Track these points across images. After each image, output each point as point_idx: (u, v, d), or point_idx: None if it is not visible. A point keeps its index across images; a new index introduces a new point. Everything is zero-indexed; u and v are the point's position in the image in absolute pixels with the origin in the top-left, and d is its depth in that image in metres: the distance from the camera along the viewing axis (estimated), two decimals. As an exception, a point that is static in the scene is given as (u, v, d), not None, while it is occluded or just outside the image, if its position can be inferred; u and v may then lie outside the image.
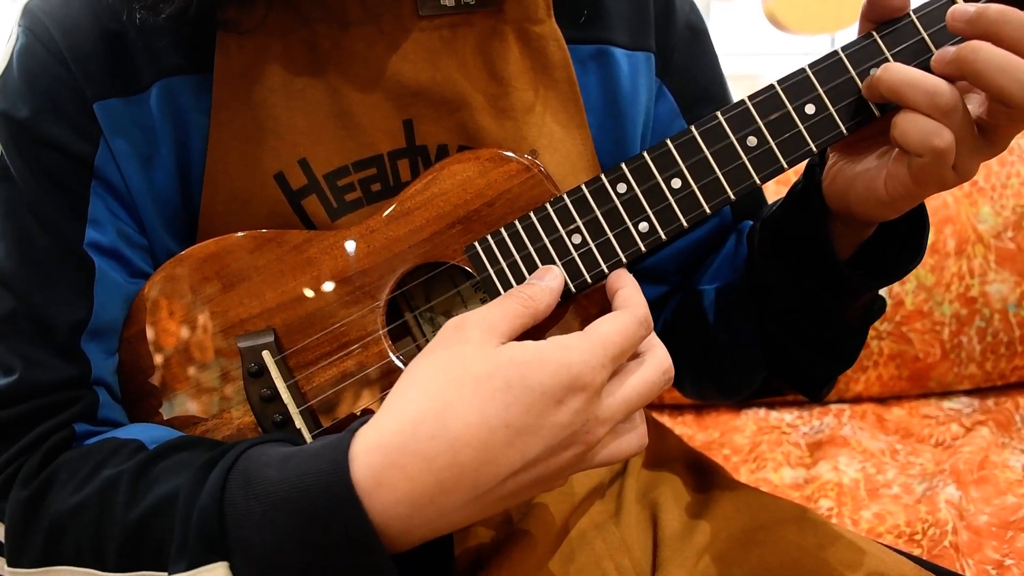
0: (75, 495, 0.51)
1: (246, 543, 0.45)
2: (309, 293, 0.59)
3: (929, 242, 1.24)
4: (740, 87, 0.80)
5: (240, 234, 0.60)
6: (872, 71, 0.54)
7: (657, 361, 0.51)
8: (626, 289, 0.54)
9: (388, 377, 0.59)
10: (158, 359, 0.60)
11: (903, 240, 0.62)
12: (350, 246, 0.60)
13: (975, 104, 0.53)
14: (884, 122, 0.55)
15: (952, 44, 0.52)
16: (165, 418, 0.60)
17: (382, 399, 0.59)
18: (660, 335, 0.79)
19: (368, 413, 0.59)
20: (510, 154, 0.59)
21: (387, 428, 0.46)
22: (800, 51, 2.25)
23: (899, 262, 0.62)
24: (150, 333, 0.60)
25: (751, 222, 0.73)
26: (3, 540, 0.54)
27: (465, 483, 0.45)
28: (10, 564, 0.53)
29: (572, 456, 0.47)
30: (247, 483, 0.47)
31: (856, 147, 0.58)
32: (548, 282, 0.55)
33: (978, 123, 0.52)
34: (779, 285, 0.65)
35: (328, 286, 0.59)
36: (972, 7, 0.50)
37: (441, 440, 0.45)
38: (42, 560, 0.52)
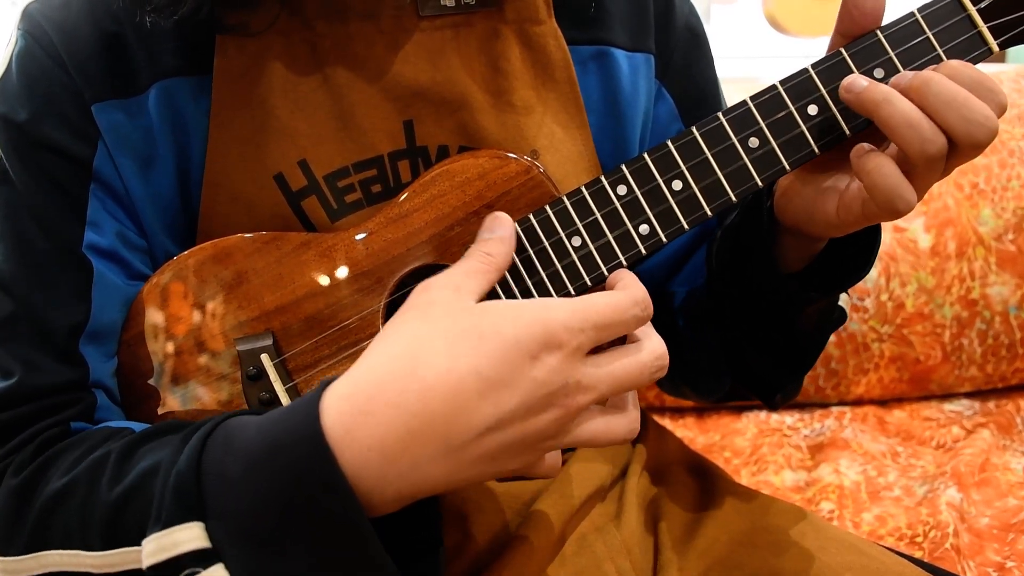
0: (64, 478, 0.51)
1: (223, 502, 0.44)
2: (308, 296, 0.59)
3: (930, 244, 1.24)
4: (740, 90, 0.80)
5: (239, 236, 0.60)
6: (876, 72, 0.54)
7: (651, 346, 0.50)
8: (624, 279, 0.53)
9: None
10: (157, 362, 0.60)
11: (855, 253, 0.63)
12: (349, 249, 0.59)
13: None
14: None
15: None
16: (163, 420, 0.60)
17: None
18: None
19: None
20: (510, 155, 0.59)
21: (358, 377, 0.45)
22: (800, 54, 2.24)
23: (845, 274, 0.63)
24: (148, 336, 0.60)
25: None
26: None
27: (437, 432, 0.44)
28: (1, 553, 0.52)
29: (552, 420, 0.46)
30: (226, 443, 0.46)
31: (810, 165, 0.58)
32: (498, 231, 0.54)
33: None
34: (733, 291, 0.66)
35: (327, 289, 0.59)
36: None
37: (411, 386, 0.44)
38: (31, 546, 0.51)
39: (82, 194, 0.59)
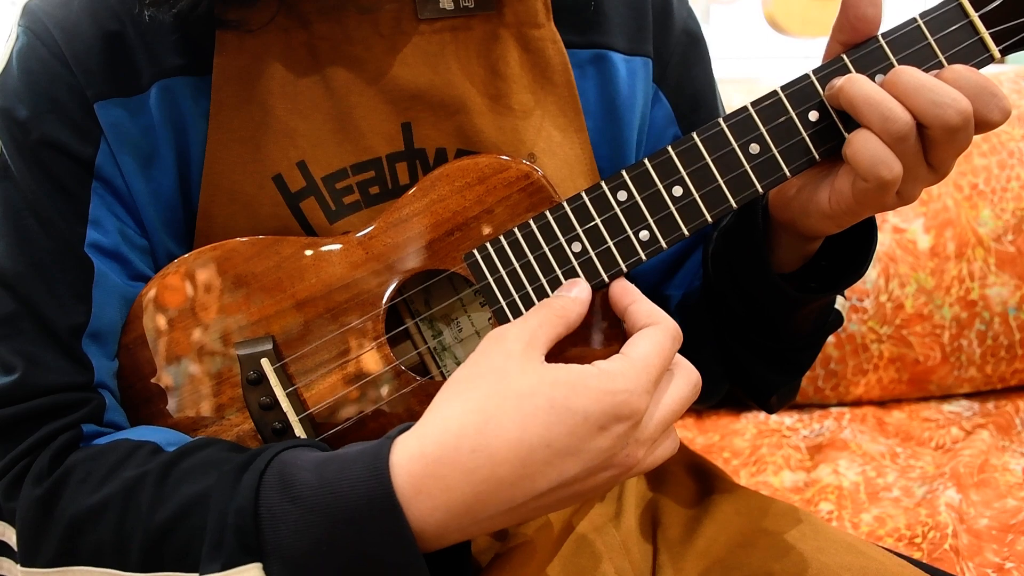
0: (94, 495, 0.51)
1: (282, 545, 0.46)
2: (308, 300, 0.59)
3: (929, 245, 1.25)
4: (740, 91, 0.80)
5: (239, 240, 0.60)
6: (877, 78, 0.54)
7: (686, 376, 0.52)
8: (642, 303, 0.54)
9: (388, 384, 0.59)
10: (157, 365, 0.60)
11: (851, 253, 0.63)
12: (349, 253, 0.60)
13: None
14: None
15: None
16: (164, 424, 0.60)
17: (382, 406, 0.59)
18: None
19: (368, 419, 0.59)
20: (510, 160, 0.59)
21: (428, 437, 0.47)
22: (800, 54, 2.24)
23: (844, 274, 0.63)
24: (149, 339, 0.60)
25: None
26: (15, 540, 0.53)
27: (501, 496, 0.46)
28: (24, 564, 0.52)
29: (609, 476, 0.49)
30: (283, 485, 0.47)
31: None
32: (576, 293, 0.55)
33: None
34: (727, 293, 0.66)
35: (327, 293, 0.59)
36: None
37: (481, 454, 0.45)
38: (58, 560, 0.51)
39: (84, 192, 0.59)
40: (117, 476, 0.52)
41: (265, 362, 0.58)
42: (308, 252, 0.60)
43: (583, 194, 0.56)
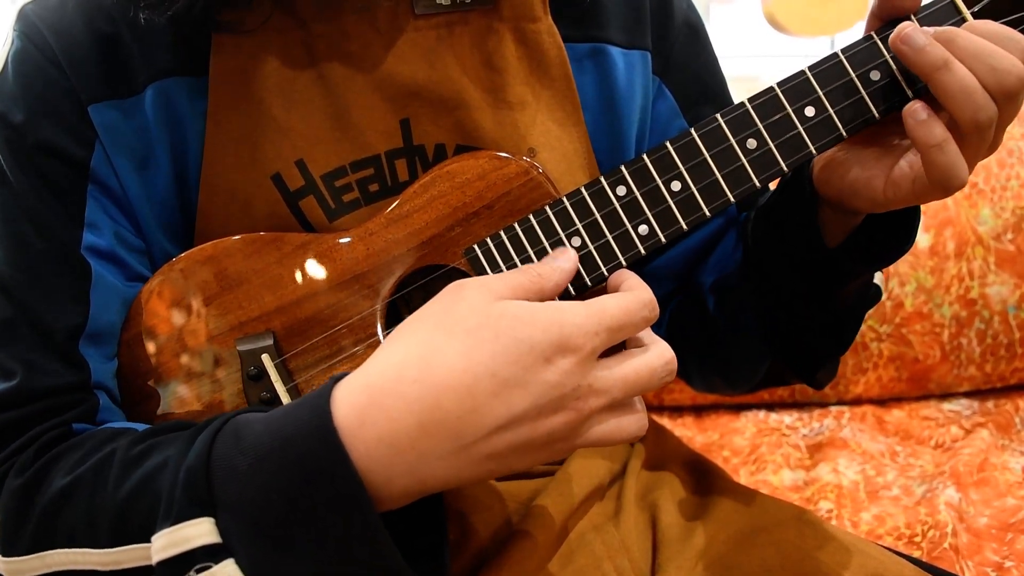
0: (67, 477, 0.51)
1: (232, 497, 0.45)
2: (308, 296, 0.59)
3: (929, 244, 1.25)
4: (740, 89, 0.80)
5: (238, 237, 0.60)
6: (873, 74, 0.54)
7: (660, 351, 0.50)
8: (629, 280, 0.54)
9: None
10: (157, 362, 0.60)
11: (894, 226, 0.62)
12: (349, 248, 0.60)
13: None
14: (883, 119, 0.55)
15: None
16: (164, 420, 0.60)
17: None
18: (665, 329, 0.79)
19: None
20: (510, 156, 0.60)
21: (372, 371, 0.46)
22: (800, 53, 2.25)
23: (890, 247, 0.62)
24: (149, 336, 0.60)
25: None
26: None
27: (448, 429, 0.44)
28: (4, 554, 0.52)
29: (562, 423, 0.46)
30: (235, 439, 0.46)
31: (853, 141, 0.58)
32: (561, 263, 0.54)
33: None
34: (772, 271, 0.65)
35: (327, 289, 0.59)
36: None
37: (425, 383, 0.44)
38: (35, 546, 0.51)
39: (80, 195, 0.59)
40: (89, 458, 0.51)
41: (266, 357, 0.58)
42: (309, 248, 0.60)
43: (582, 189, 0.57)
